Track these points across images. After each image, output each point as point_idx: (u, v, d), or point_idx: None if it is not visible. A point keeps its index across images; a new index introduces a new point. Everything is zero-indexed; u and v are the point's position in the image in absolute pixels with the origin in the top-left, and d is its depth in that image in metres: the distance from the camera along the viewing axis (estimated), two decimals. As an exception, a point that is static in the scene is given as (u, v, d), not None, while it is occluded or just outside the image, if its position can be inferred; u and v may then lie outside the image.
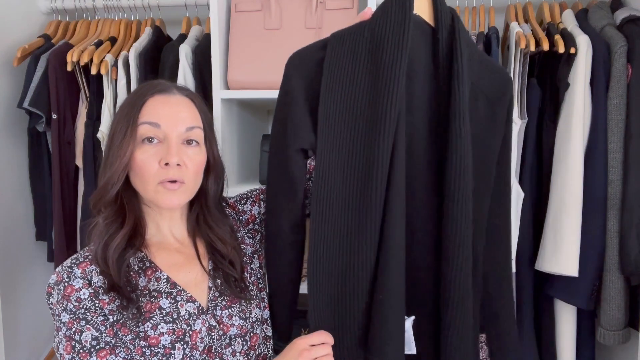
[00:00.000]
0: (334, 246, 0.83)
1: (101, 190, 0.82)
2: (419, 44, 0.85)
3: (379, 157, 0.79)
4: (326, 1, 1.33)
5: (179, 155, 0.81)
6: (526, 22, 1.44)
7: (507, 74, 0.99)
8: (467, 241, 0.82)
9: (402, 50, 0.80)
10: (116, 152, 0.80)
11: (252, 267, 0.96)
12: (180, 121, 0.83)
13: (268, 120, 1.86)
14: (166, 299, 0.82)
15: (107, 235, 0.81)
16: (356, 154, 0.82)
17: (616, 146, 1.25)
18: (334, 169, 0.83)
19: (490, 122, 0.92)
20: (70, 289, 0.78)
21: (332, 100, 0.83)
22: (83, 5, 1.62)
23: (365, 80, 0.82)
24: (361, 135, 0.82)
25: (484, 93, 0.90)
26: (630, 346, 1.31)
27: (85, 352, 0.75)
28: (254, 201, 1.03)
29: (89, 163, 1.49)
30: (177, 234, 0.91)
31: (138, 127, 0.81)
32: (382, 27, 0.83)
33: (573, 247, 1.24)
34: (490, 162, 0.93)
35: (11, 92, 1.56)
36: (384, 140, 0.79)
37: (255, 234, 1.00)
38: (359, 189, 0.81)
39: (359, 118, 0.82)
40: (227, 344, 0.86)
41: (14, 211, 1.58)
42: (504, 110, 0.94)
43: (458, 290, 0.82)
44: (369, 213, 0.80)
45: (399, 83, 0.79)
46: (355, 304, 0.83)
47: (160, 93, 0.85)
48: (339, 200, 0.83)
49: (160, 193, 0.82)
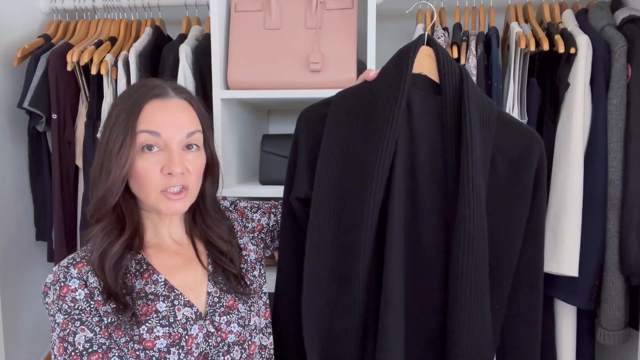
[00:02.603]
0: (323, 305, 0.85)
1: (100, 201, 0.80)
2: (422, 105, 0.85)
3: (368, 215, 0.80)
4: (326, 1, 1.33)
5: (182, 163, 0.80)
6: (526, 22, 1.44)
7: (532, 133, 0.89)
8: (475, 327, 0.80)
9: (395, 111, 0.81)
10: (114, 162, 0.77)
11: (254, 274, 0.95)
12: (180, 128, 0.81)
13: (268, 120, 1.86)
14: (163, 302, 0.81)
15: (105, 243, 0.80)
16: (347, 211, 0.83)
17: (616, 146, 1.25)
18: (326, 222, 0.85)
19: (513, 186, 0.86)
20: (66, 289, 0.77)
21: (328, 156, 0.85)
22: (83, 5, 1.62)
23: (359, 138, 0.84)
24: (351, 191, 0.83)
25: (504, 155, 0.85)
26: (630, 346, 1.31)
27: (77, 355, 0.75)
28: (264, 212, 1.03)
29: (89, 163, 1.49)
30: (175, 236, 0.90)
31: (137, 136, 0.78)
32: (379, 87, 0.85)
33: (573, 247, 1.23)
34: (513, 230, 0.87)
35: (11, 92, 1.56)
36: (373, 196, 0.80)
37: (259, 242, 1.00)
38: (347, 248, 0.83)
39: (351, 175, 0.83)
40: (226, 351, 0.84)
41: (14, 211, 1.58)
42: (529, 174, 0.86)
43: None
44: (355, 271, 0.81)
45: (389, 143, 0.80)
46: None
47: (157, 98, 0.81)
48: (327, 256, 0.85)
49: (162, 201, 0.80)
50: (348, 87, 0.92)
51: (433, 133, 0.85)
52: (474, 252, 0.79)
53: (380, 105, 0.83)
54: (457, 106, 0.83)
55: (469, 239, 0.79)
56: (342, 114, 0.87)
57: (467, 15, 1.50)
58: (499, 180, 0.85)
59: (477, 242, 0.79)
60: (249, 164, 1.61)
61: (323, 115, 0.89)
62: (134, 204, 0.85)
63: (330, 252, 0.84)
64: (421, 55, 0.87)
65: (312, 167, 0.87)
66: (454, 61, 0.87)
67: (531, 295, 0.91)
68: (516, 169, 0.86)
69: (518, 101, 1.31)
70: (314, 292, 0.85)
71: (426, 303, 0.86)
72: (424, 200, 0.85)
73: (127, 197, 0.83)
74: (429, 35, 0.89)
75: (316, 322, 0.86)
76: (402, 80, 0.82)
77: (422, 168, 0.85)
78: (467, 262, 0.79)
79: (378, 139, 0.81)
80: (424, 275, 0.85)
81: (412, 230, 0.84)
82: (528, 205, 0.87)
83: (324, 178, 0.85)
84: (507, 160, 0.86)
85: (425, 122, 0.85)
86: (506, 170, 0.85)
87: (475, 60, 1.32)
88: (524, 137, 0.87)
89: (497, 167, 0.85)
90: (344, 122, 0.86)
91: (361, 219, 0.80)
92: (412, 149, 0.84)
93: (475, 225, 0.79)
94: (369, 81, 0.88)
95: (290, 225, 0.95)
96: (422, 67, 0.87)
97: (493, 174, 0.85)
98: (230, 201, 1.03)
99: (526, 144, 0.86)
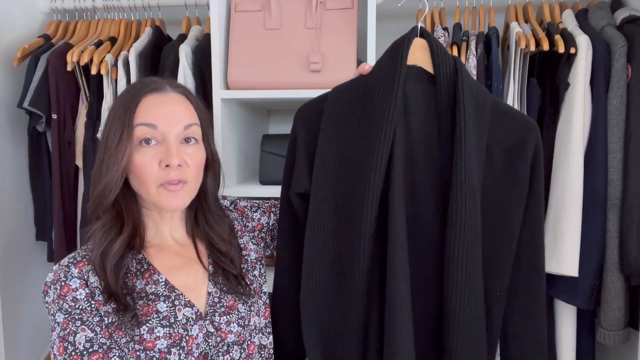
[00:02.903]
0: (323, 302, 0.85)
1: (99, 196, 0.80)
2: (418, 97, 0.86)
3: (367, 208, 0.80)
4: (326, 1, 1.33)
5: (179, 155, 0.80)
6: (526, 22, 1.44)
7: (529, 122, 0.89)
8: (467, 315, 0.81)
9: (391, 102, 0.81)
10: (112, 156, 0.78)
11: (255, 274, 0.95)
12: (177, 120, 0.81)
13: (268, 120, 1.86)
14: (164, 303, 0.81)
15: (105, 241, 0.80)
16: (346, 205, 0.83)
17: (616, 146, 1.25)
18: (326, 217, 0.85)
19: (509, 174, 0.86)
20: (66, 288, 0.77)
21: (326, 151, 0.86)
22: (83, 5, 1.62)
23: (356, 131, 0.84)
24: (350, 185, 0.83)
25: (500, 143, 0.86)
26: (630, 346, 1.31)
27: (77, 355, 0.74)
28: (264, 211, 1.03)
29: (89, 163, 1.49)
30: (176, 236, 0.90)
31: (134, 129, 0.79)
32: (374, 80, 0.85)
33: (573, 247, 1.23)
34: (510, 217, 0.87)
35: (11, 92, 1.56)
36: (372, 189, 0.80)
37: (260, 241, 1.00)
38: (347, 243, 0.83)
39: (349, 169, 0.83)
40: (225, 351, 0.84)
41: (14, 211, 1.58)
42: (526, 162, 0.86)
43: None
44: (355, 264, 0.81)
45: (387, 135, 0.80)
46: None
47: (153, 92, 0.82)
48: (326, 253, 0.85)
49: (163, 195, 0.80)
50: (343, 82, 0.92)
51: (429, 124, 0.85)
52: (466, 238, 0.79)
53: (376, 97, 0.83)
54: (452, 96, 0.83)
55: (461, 225, 0.79)
56: (338, 108, 0.87)
57: (467, 15, 1.50)
58: (495, 168, 0.86)
59: (469, 229, 0.79)
60: (249, 164, 1.61)
61: (320, 110, 0.89)
62: (134, 201, 0.85)
63: (329, 248, 0.84)
64: (415, 47, 0.87)
65: (311, 163, 0.87)
66: (448, 52, 0.88)
67: (532, 283, 0.91)
68: (512, 157, 0.86)
69: (518, 101, 1.31)
70: (313, 290, 0.85)
71: (426, 295, 0.86)
72: (422, 191, 0.85)
73: (127, 194, 0.83)
74: (422, 27, 0.89)
75: (316, 320, 0.86)
76: (397, 72, 0.83)
77: (419, 159, 0.85)
78: (459, 248, 0.79)
79: (375, 131, 0.81)
80: (425, 267, 0.85)
81: (411, 221, 0.84)
82: (525, 192, 0.87)
83: (322, 173, 0.85)
84: (504, 148, 0.86)
85: (421, 113, 0.86)
86: (502, 158, 0.86)
87: (475, 60, 1.32)
88: (519, 125, 0.88)
89: (493, 156, 0.86)
90: (341, 117, 0.86)
91: (361, 212, 0.80)
92: (409, 140, 0.85)
93: (468, 211, 0.79)
94: (364, 75, 0.88)
95: (289, 222, 0.94)
96: (416, 59, 0.87)
97: (489, 162, 0.85)
98: (230, 200, 1.03)
99: (522, 132, 0.87)
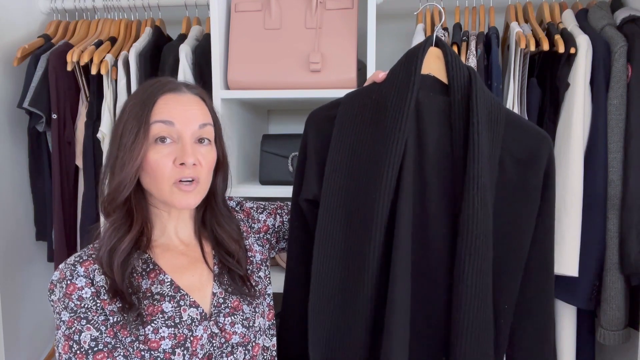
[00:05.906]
0: (330, 302, 0.85)
1: (113, 192, 0.81)
2: (431, 107, 0.85)
3: (377, 216, 0.80)
4: (326, 1, 1.33)
5: (194, 154, 0.81)
6: (526, 22, 1.44)
7: (541, 134, 0.88)
8: (475, 328, 0.80)
9: (403, 112, 0.81)
10: (128, 154, 0.79)
11: (260, 275, 0.95)
12: (193, 119, 0.83)
13: (268, 120, 1.86)
14: (169, 303, 0.81)
15: (115, 238, 0.80)
16: (356, 212, 0.83)
17: (616, 146, 1.25)
18: (335, 224, 0.84)
19: (521, 186, 0.86)
20: (72, 287, 0.77)
21: (337, 157, 0.85)
22: (83, 5, 1.62)
23: (368, 139, 0.84)
24: (361, 194, 0.83)
25: (513, 155, 0.85)
26: (630, 346, 1.31)
27: (82, 354, 0.74)
28: (270, 213, 1.03)
29: (89, 163, 1.49)
30: (182, 236, 0.90)
31: (151, 127, 0.80)
32: (388, 88, 0.85)
33: (573, 247, 1.23)
34: (521, 230, 0.87)
35: (11, 92, 1.56)
36: (382, 198, 0.80)
37: (265, 243, 1.00)
38: (356, 251, 0.82)
39: (360, 177, 0.83)
40: (229, 352, 0.84)
41: (14, 211, 1.58)
42: (538, 175, 0.86)
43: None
44: (364, 272, 0.81)
45: (399, 144, 0.80)
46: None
47: (171, 92, 0.84)
48: (335, 260, 0.84)
49: (175, 194, 0.81)
50: (356, 88, 0.92)
51: (441, 134, 0.85)
52: (478, 252, 0.79)
53: (389, 106, 0.83)
54: (465, 107, 0.83)
55: (472, 239, 0.79)
56: (351, 115, 0.87)
57: (467, 15, 1.50)
58: (507, 180, 0.85)
59: (480, 242, 0.79)
60: (249, 164, 1.61)
61: (332, 116, 0.89)
62: (144, 199, 0.86)
63: (338, 256, 0.84)
64: (429, 56, 0.87)
65: (321, 169, 0.87)
66: (463, 63, 0.87)
67: (541, 297, 0.90)
68: (525, 169, 0.85)
69: (518, 101, 1.30)
70: (322, 297, 0.85)
71: (433, 305, 0.85)
72: (432, 201, 0.85)
73: (137, 192, 0.84)
74: (438, 37, 0.89)
75: (323, 326, 0.85)
76: (411, 81, 0.82)
77: (430, 169, 0.85)
78: (470, 262, 0.79)
79: (387, 140, 0.81)
80: (432, 276, 0.85)
81: (420, 232, 0.84)
82: (537, 205, 0.87)
83: (332, 180, 0.85)
84: (516, 161, 0.85)
85: (434, 123, 0.85)
86: (515, 170, 0.85)
87: (475, 60, 1.32)
88: (532, 137, 0.87)
89: (505, 168, 0.85)
90: (353, 124, 0.86)
91: (371, 220, 0.80)
92: (421, 150, 0.84)
93: (479, 225, 0.79)
94: (377, 82, 0.88)
95: (299, 227, 0.94)
96: (431, 69, 0.87)
97: (501, 174, 0.84)
98: (236, 202, 1.03)
99: (535, 144, 0.86)
